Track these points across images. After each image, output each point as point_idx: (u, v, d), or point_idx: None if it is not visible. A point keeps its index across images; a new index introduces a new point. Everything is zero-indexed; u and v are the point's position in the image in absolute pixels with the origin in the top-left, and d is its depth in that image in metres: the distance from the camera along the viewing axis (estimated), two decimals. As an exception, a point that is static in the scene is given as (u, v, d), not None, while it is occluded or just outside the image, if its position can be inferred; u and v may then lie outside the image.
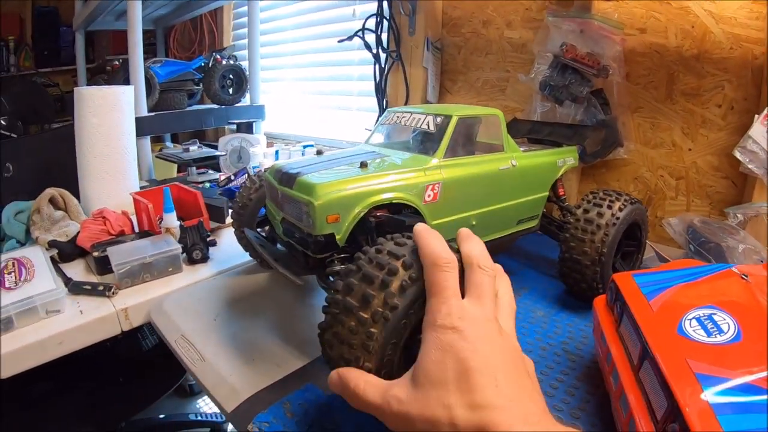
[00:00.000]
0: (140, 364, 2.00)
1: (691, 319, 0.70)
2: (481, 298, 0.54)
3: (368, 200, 0.84)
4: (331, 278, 0.82)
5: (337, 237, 0.83)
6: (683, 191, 1.53)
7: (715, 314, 0.70)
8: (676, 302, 0.77)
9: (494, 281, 0.58)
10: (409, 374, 0.52)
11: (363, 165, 0.89)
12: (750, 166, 1.30)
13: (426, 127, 1.02)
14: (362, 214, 0.84)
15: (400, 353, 0.62)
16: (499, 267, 0.61)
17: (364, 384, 0.55)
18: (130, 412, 1.88)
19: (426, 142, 1.02)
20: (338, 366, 0.65)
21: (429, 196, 0.91)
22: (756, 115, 1.28)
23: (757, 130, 1.28)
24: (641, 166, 1.61)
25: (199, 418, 2.17)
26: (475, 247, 0.60)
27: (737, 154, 1.31)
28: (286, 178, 0.89)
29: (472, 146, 1.06)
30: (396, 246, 0.65)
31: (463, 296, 0.55)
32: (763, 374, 0.56)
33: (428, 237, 0.59)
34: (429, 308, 0.54)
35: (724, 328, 0.66)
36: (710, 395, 0.55)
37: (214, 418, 2.17)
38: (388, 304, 0.58)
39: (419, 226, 0.62)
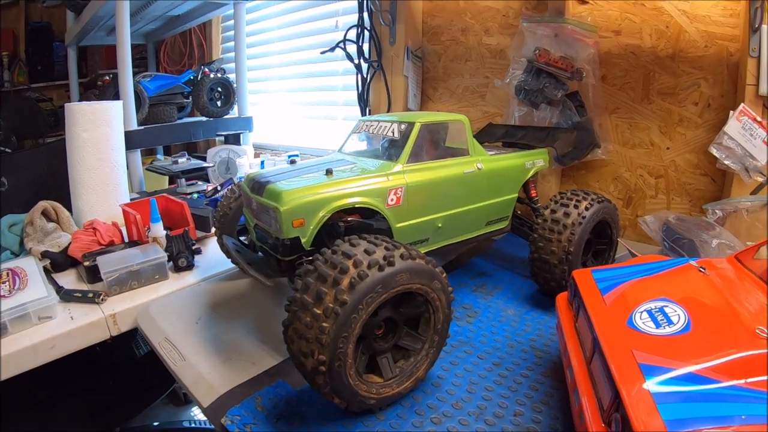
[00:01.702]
0: (134, 371, 2.04)
1: (642, 312, 0.74)
2: None
3: (332, 205, 0.89)
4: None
5: (303, 240, 0.88)
6: (663, 190, 1.57)
7: (666, 306, 0.74)
8: (629, 296, 0.81)
9: None
10: None
11: (328, 172, 0.94)
12: (726, 162, 1.33)
13: (391, 134, 1.07)
14: (326, 218, 0.89)
15: (353, 346, 0.67)
16: None
17: None
18: (125, 418, 1.92)
19: (391, 149, 1.07)
20: (298, 360, 0.70)
21: (392, 200, 0.96)
22: (731, 111, 1.32)
23: (732, 126, 1.31)
24: (620, 166, 1.65)
25: (193, 425, 2.20)
26: None
27: (713, 151, 1.35)
28: (258, 186, 0.95)
29: (438, 151, 1.11)
30: (350, 246, 0.70)
31: None
32: (708, 364, 0.60)
33: None
34: None
35: (674, 319, 0.70)
36: (652, 385, 0.58)
37: (208, 426, 2.20)
38: (338, 300, 0.64)
39: None
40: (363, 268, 0.65)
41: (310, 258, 0.90)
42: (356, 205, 0.91)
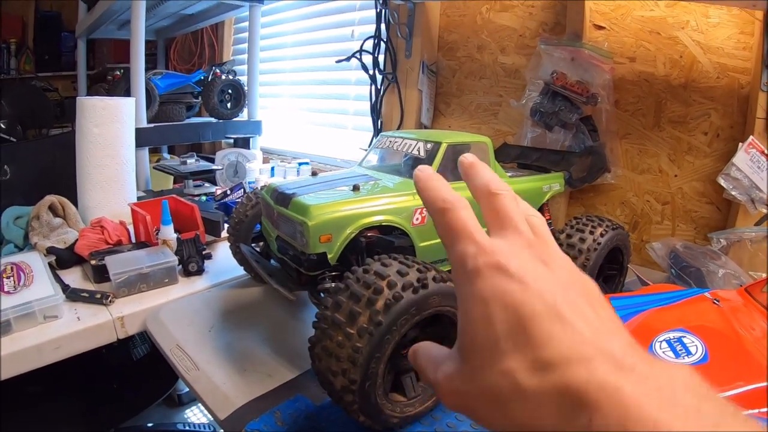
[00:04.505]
0: (130, 372, 2.02)
1: (661, 342, 0.75)
2: (511, 224, 0.40)
3: (359, 222, 0.89)
4: (322, 295, 0.87)
5: (329, 256, 0.87)
6: (669, 216, 1.58)
7: (684, 337, 0.75)
8: (648, 325, 0.82)
9: (518, 202, 0.43)
10: (456, 344, 0.40)
11: (355, 188, 0.94)
12: (733, 193, 1.35)
13: (417, 152, 1.07)
14: (353, 235, 0.88)
15: (384, 367, 0.67)
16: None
17: (425, 360, 0.44)
18: (119, 420, 1.90)
19: (416, 167, 1.06)
20: (326, 378, 0.69)
21: (417, 219, 0.96)
22: (740, 143, 1.33)
23: (740, 157, 1.33)
24: (628, 191, 1.66)
25: (188, 428, 2.18)
26: (484, 174, 0.44)
27: (721, 181, 1.37)
28: (282, 198, 0.94)
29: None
30: (382, 267, 0.70)
31: None
32: (727, 394, 0.61)
33: (428, 183, 0.44)
34: (453, 259, 0.39)
35: (693, 350, 0.72)
36: None
37: (203, 429, 2.19)
38: (373, 320, 0.64)
39: (419, 174, 0.45)
40: (398, 290, 0.65)
41: (333, 273, 0.90)
42: (382, 223, 0.91)
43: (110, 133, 1.83)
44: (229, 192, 1.89)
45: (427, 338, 0.77)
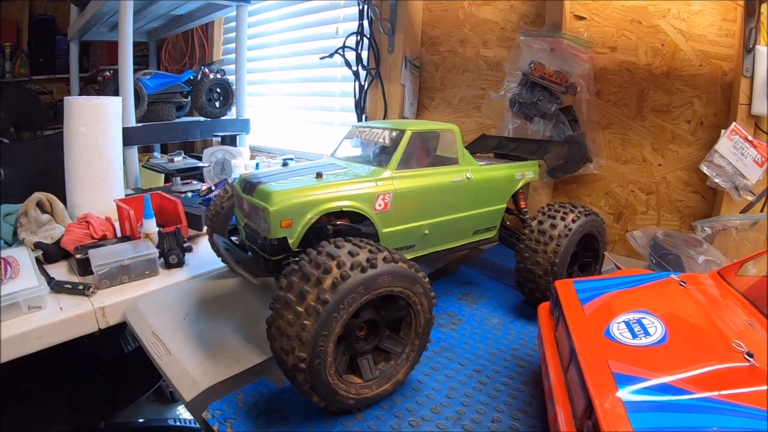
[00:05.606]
0: (121, 367, 2.04)
1: (619, 323, 0.75)
2: None
3: (319, 207, 0.91)
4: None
5: (290, 241, 0.90)
6: (653, 206, 1.59)
7: (644, 318, 0.75)
8: (608, 307, 0.82)
9: None
10: None
11: (318, 175, 0.97)
12: (716, 180, 1.36)
13: (382, 141, 1.09)
14: (314, 220, 0.91)
15: (333, 345, 0.69)
16: None
17: None
18: (110, 413, 1.92)
19: (382, 155, 1.09)
20: (280, 358, 0.71)
21: (380, 205, 0.98)
22: (723, 130, 1.34)
23: (723, 144, 1.33)
24: (612, 182, 1.67)
25: (178, 423, 2.20)
26: None
27: (704, 169, 1.37)
28: (249, 186, 0.97)
29: (428, 159, 1.13)
30: (335, 248, 0.72)
31: None
32: (682, 375, 0.61)
33: None
34: None
35: (651, 331, 0.71)
36: (625, 394, 0.59)
37: (193, 425, 2.20)
38: (320, 298, 0.66)
39: None
40: (346, 269, 0.67)
41: (296, 259, 0.92)
42: (344, 209, 0.93)
43: (97, 131, 1.85)
44: (213, 188, 1.91)
45: (382, 320, 0.80)
